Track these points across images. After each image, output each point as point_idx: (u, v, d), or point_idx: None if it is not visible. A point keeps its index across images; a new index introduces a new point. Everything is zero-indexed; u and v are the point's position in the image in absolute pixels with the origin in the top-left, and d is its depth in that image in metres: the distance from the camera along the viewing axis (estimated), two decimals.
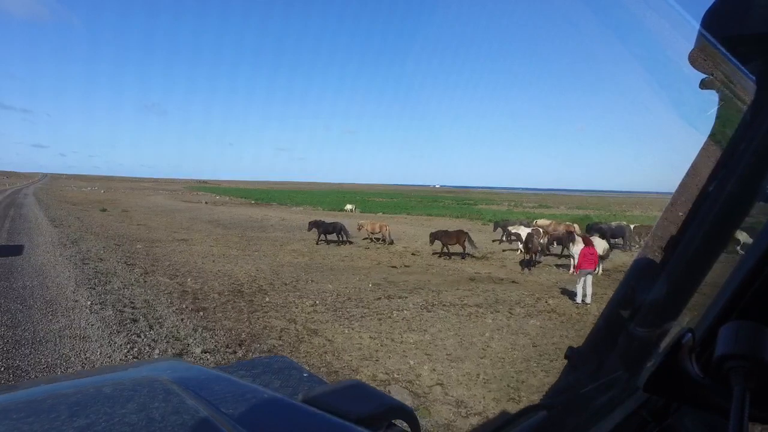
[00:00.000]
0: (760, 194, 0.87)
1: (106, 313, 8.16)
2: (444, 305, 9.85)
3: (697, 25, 0.84)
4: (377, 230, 20.10)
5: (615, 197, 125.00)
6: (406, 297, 10.45)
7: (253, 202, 58.88)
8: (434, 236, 17.29)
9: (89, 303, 8.77)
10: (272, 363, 1.53)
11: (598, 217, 36.89)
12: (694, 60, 0.91)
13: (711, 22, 0.82)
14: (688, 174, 1.00)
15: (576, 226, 21.43)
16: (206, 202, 52.17)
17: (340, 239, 19.31)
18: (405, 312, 9.04)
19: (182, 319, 7.89)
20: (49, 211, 30.77)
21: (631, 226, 22.35)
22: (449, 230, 17.80)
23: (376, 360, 6.41)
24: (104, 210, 33.47)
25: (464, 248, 16.86)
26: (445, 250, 17.20)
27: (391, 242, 19.86)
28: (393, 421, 0.94)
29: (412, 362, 6.37)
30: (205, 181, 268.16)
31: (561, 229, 20.84)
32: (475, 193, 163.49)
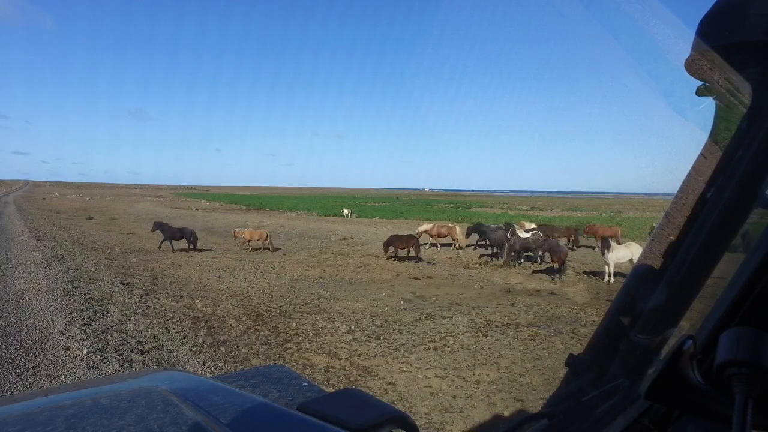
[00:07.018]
0: (758, 200, 0.84)
1: (110, 368, 6.21)
2: (497, 326, 8.56)
3: (692, 33, 0.82)
4: (257, 238, 19.34)
5: (608, 199, 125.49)
6: (450, 317, 9.12)
7: (244, 208, 57.06)
8: (388, 243, 17.04)
9: (85, 351, 6.70)
10: (271, 372, 1.50)
11: (595, 219, 36.33)
12: (690, 67, 0.89)
13: (707, 30, 0.80)
14: (686, 180, 0.97)
15: (457, 227, 20.99)
16: (197, 209, 50.29)
17: (190, 247, 18.26)
18: (460, 338, 7.69)
19: (203, 362, 6.38)
20: (31, 221, 28.75)
21: (531, 226, 21.80)
22: (400, 234, 17.73)
23: (460, 411, 5.03)
24: (91, 218, 31.56)
25: (417, 252, 16.93)
26: (396, 253, 17.08)
27: (276, 249, 19.09)
28: (392, 430, 0.91)
29: (506, 413, 5.04)
30: (193, 187, 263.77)
31: (443, 231, 20.73)
32: (467, 196, 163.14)
